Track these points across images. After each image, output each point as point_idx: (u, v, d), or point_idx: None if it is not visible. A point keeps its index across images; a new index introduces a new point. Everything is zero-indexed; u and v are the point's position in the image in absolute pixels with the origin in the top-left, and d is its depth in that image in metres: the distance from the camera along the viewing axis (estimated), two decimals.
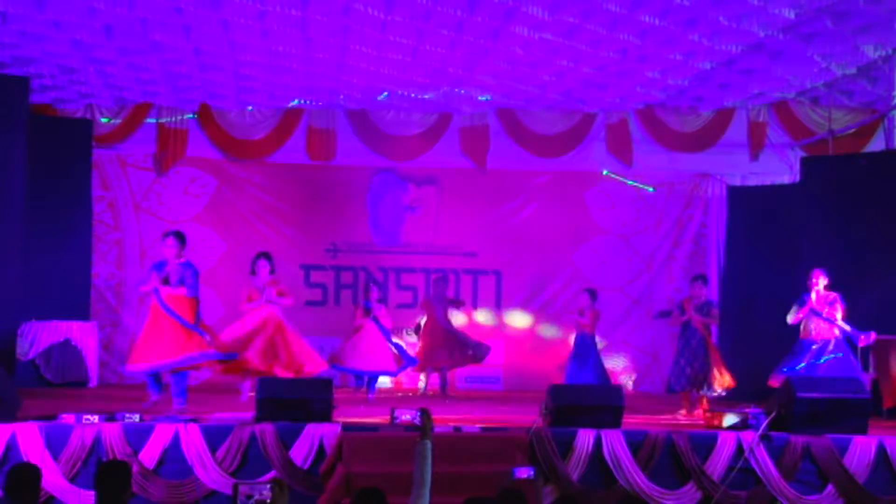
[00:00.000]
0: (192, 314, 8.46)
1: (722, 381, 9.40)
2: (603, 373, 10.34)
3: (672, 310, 9.96)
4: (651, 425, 8.08)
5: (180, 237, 8.67)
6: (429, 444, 4.28)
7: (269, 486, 3.67)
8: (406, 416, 7.58)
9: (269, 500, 3.62)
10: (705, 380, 9.38)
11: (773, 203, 11.66)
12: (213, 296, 11.58)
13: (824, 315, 8.93)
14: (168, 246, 8.53)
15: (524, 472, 4.91)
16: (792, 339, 9.46)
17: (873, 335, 8.96)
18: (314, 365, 9.38)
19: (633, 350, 12.33)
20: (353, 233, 12.36)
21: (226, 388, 9.76)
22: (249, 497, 3.66)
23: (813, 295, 8.98)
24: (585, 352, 10.37)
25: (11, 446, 6.96)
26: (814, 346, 8.95)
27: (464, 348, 11.02)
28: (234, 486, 3.70)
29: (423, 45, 9.43)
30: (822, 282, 9.04)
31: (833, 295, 8.97)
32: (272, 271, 9.58)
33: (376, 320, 10.39)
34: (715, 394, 9.40)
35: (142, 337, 8.53)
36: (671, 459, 7.51)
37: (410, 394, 11.20)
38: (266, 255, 9.69)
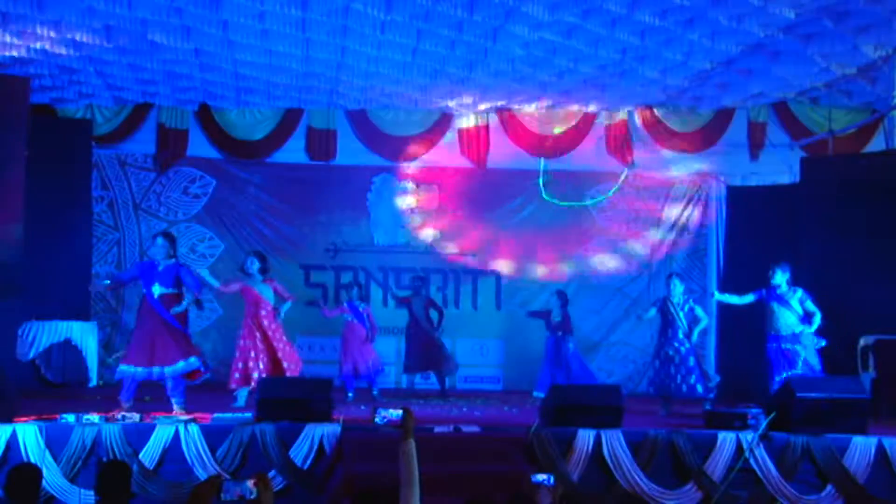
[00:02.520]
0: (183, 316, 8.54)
1: None
2: (584, 372, 10.45)
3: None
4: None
5: (170, 237, 8.68)
6: (412, 444, 4.28)
7: (253, 481, 3.65)
8: (388, 416, 7.58)
9: (253, 497, 3.60)
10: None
11: (773, 203, 11.65)
12: (211, 296, 11.58)
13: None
14: (158, 246, 8.51)
15: (541, 477, 4.88)
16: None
17: None
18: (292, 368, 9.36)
19: (634, 350, 12.32)
20: (353, 233, 12.36)
21: (226, 388, 9.74)
22: (241, 498, 3.64)
23: None
24: (558, 354, 10.57)
25: (11, 446, 6.97)
26: None
27: (438, 361, 11.06)
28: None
29: (423, 45, 9.44)
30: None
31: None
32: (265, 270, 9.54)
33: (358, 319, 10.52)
34: None
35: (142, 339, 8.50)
36: (671, 459, 7.52)
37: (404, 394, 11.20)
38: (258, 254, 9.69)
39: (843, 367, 9.30)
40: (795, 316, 9.28)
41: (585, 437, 7.46)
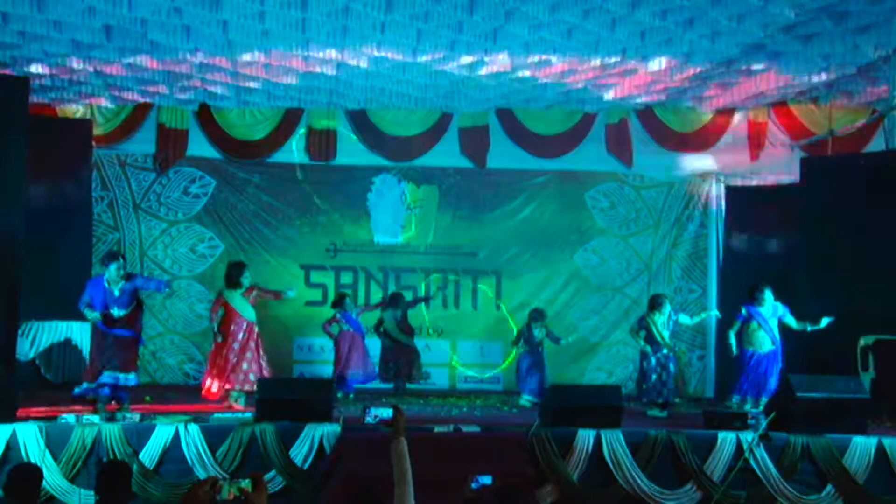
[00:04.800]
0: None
1: None
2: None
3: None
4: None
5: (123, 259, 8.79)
6: (404, 442, 4.29)
7: (248, 480, 3.63)
8: (378, 415, 7.62)
9: (243, 497, 3.59)
10: None
11: (773, 203, 11.66)
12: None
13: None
14: (112, 271, 8.47)
15: (483, 480, 4.83)
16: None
17: None
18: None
19: (633, 350, 12.31)
20: (353, 233, 12.36)
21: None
22: (236, 498, 3.63)
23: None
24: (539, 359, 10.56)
25: (11, 446, 6.98)
26: None
27: (407, 369, 11.01)
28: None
29: (423, 45, 9.43)
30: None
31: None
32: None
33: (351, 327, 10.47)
34: None
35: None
36: (671, 459, 7.53)
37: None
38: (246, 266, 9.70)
39: (843, 367, 9.30)
40: (770, 337, 9.40)
41: (585, 437, 7.47)
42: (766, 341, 9.55)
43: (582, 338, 12.25)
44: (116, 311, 8.33)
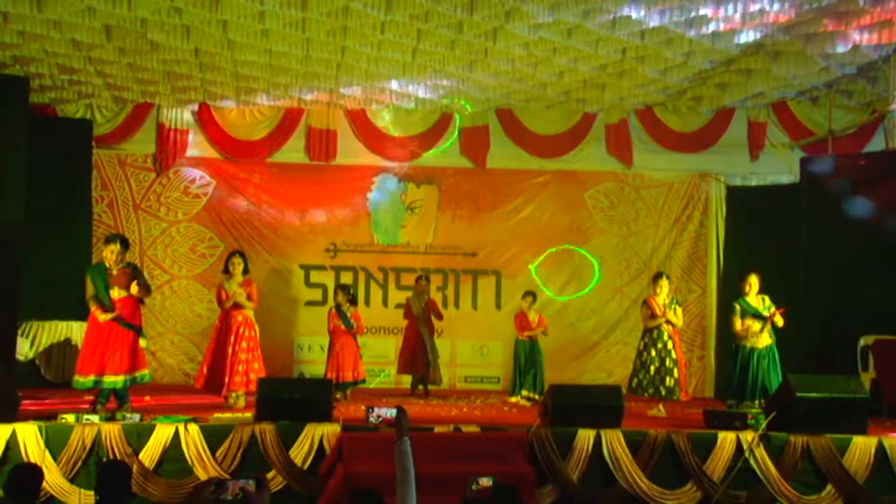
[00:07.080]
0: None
1: None
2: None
3: None
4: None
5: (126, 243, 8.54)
6: (407, 442, 4.30)
7: (251, 481, 3.63)
8: (381, 415, 7.60)
9: (239, 497, 3.59)
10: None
11: (773, 203, 11.66)
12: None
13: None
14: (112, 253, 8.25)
15: (483, 480, 4.83)
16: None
17: None
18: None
19: (634, 350, 12.31)
20: (353, 233, 12.36)
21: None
22: (238, 498, 3.63)
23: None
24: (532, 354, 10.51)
25: (11, 446, 6.97)
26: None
27: (425, 367, 10.97)
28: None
29: (422, 45, 9.44)
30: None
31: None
32: (246, 271, 9.37)
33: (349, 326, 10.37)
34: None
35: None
36: (671, 459, 7.52)
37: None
38: (241, 254, 9.52)
39: (843, 367, 9.29)
40: (764, 328, 9.15)
41: (585, 437, 7.46)
42: (761, 335, 9.14)
43: (582, 338, 12.25)
44: (116, 293, 8.24)
